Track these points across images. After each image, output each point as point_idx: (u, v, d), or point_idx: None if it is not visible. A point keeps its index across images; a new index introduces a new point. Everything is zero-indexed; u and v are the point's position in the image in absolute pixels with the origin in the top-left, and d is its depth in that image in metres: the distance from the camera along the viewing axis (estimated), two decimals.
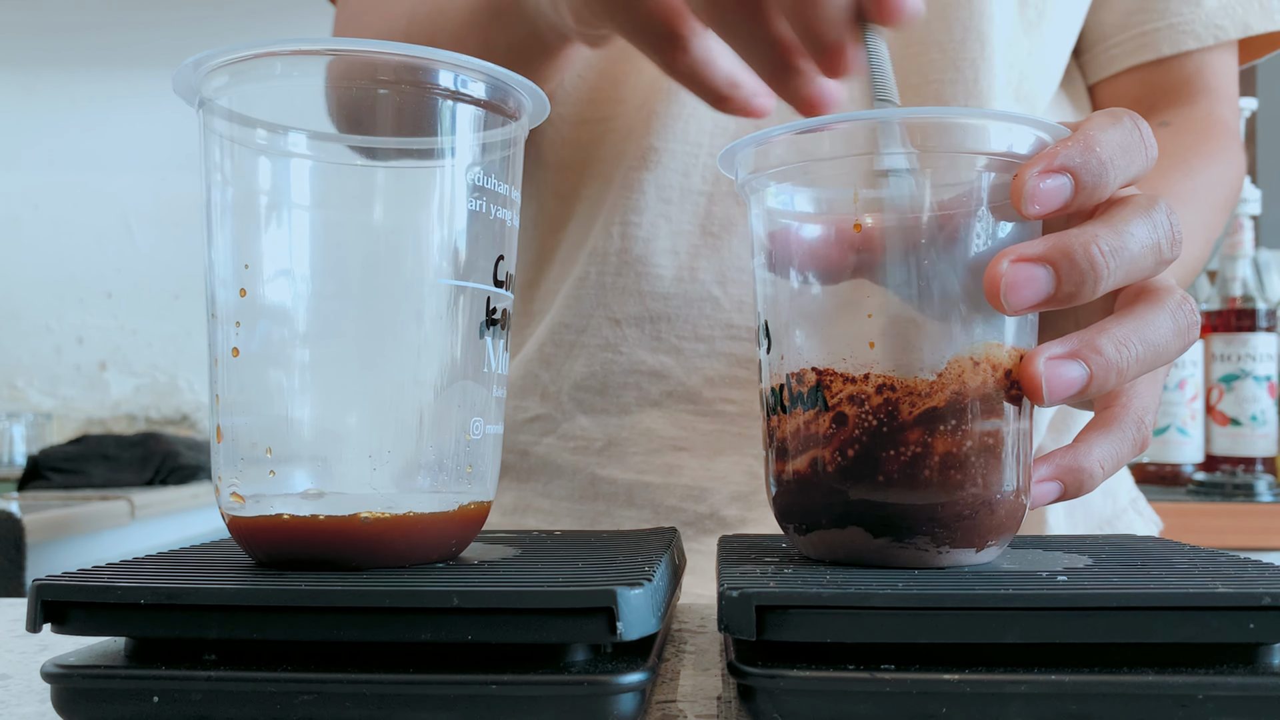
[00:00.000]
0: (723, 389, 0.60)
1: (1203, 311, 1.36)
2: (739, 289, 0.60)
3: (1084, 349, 0.33)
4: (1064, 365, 0.32)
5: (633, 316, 0.61)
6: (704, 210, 0.60)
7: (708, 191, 0.60)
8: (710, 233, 0.60)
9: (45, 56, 2.72)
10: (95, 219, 2.72)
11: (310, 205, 0.33)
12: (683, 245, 0.60)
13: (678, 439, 0.60)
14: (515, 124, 0.35)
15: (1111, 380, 0.33)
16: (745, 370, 0.60)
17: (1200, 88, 0.65)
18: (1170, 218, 0.34)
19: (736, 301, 0.60)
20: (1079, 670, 0.27)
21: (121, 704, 0.28)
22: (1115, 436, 0.36)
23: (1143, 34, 0.65)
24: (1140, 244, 0.33)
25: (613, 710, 0.27)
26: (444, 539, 0.34)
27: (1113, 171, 0.33)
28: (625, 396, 0.61)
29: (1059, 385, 0.32)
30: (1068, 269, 0.32)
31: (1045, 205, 0.32)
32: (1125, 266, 0.33)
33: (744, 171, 0.37)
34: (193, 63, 0.32)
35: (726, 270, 0.60)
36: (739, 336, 0.60)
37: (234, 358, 0.32)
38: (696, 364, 0.60)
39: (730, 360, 0.60)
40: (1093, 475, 0.36)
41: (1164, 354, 0.34)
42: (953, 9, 0.58)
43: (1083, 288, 0.32)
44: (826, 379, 0.34)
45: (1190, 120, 0.65)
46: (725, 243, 0.60)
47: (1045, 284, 0.32)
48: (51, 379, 2.74)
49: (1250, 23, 0.64)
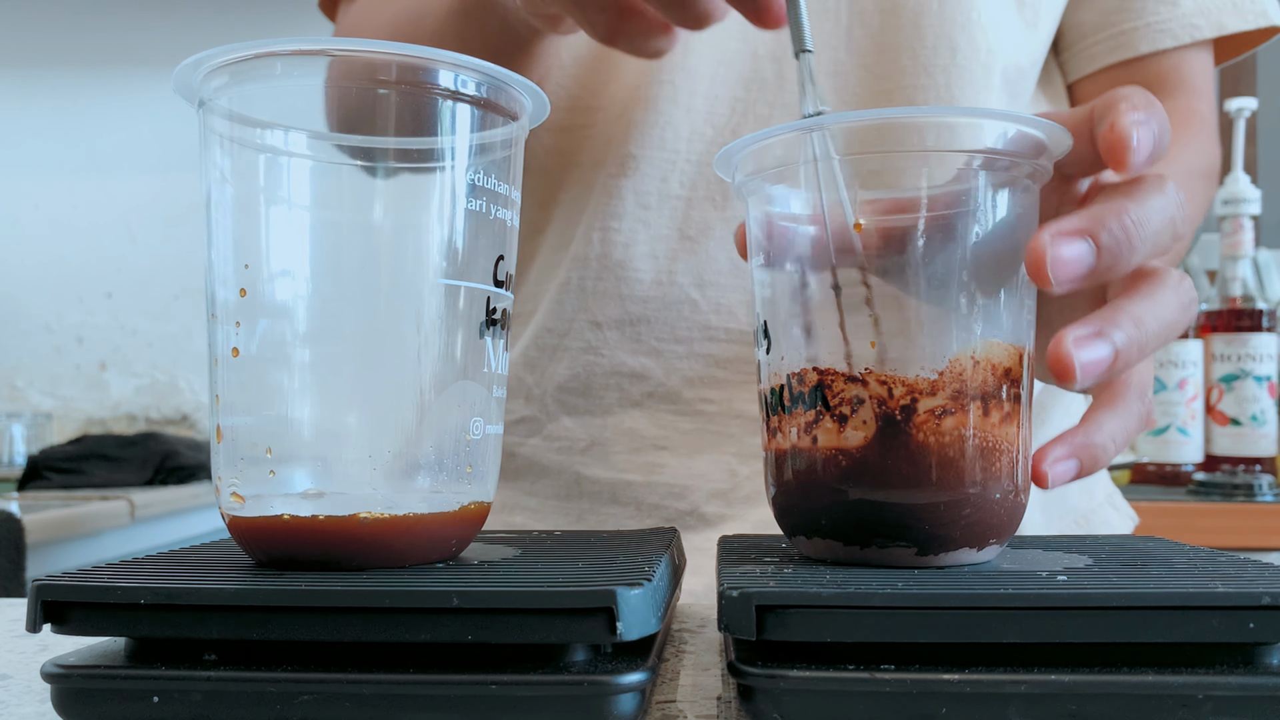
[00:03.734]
0: (701, 389, 0.62)
1: (1203, 311, 1.36)
2: (716, 291, 0.61)
3: (1107, 327, 0.33)
4: (1091, 345, 0.33)
5: (613, 319, 0.62)
6: (682, 215, 0.62)
7: (685, 196, 0.61)
8: (688, 236, 0.61)
9: (45, 56, 2.72)
10: (95, 219, 2.72)
11: (310, 205, 0.33)
12: (661, 249, 0.62)
13: (659, 438, 0.62)
14: (515, 124, 0.35)
15: (1134, 358, 0.34)
16: (723, 371, 0.61)
17: (1177, 84, 0.67)
18: (1179, 194, 0.35)
19: (714, 304, 0.61)
20: (1079, 670, 0.27)
21: (121, 704, 0.28)
22: (1122, 412, 0.37)
23: (1121, 33, 0.66)
24: (1160, 218, 0.34)
25: (613, 710, 0.27)
26: (444, 539, 0.34)
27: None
28: (607, 397, 0.63)
29: (1091, 365, 0.33)
30: (1107, 241, 0.33)
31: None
32: (1150, 239, 0.34)
33: (741, 174, 0.37)
34: (193, 63, 0.32)
35: (704, 273, 0.61)
36: (716, 338, 0.61)
37: (234, 358, 0.32)
38: (675, 365, 0.62)
39: (708, 361, 0.61)
40: (1106, 450, 0.36)
41: (1173, 330, 0.35)
42: (923, 16, 0.60)
43: (1119, 260, 0.33)
44: (828, 379, 0.34)
45: (1168, 112, 0.66)
46: (703, 246, 0.61)
47: (1088, 257, 0.32)
48: (51, 379, 2.74)
49: (1224, 22, 0.66)
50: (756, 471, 0.61)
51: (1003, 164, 0.33)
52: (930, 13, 0.60)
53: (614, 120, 0.62)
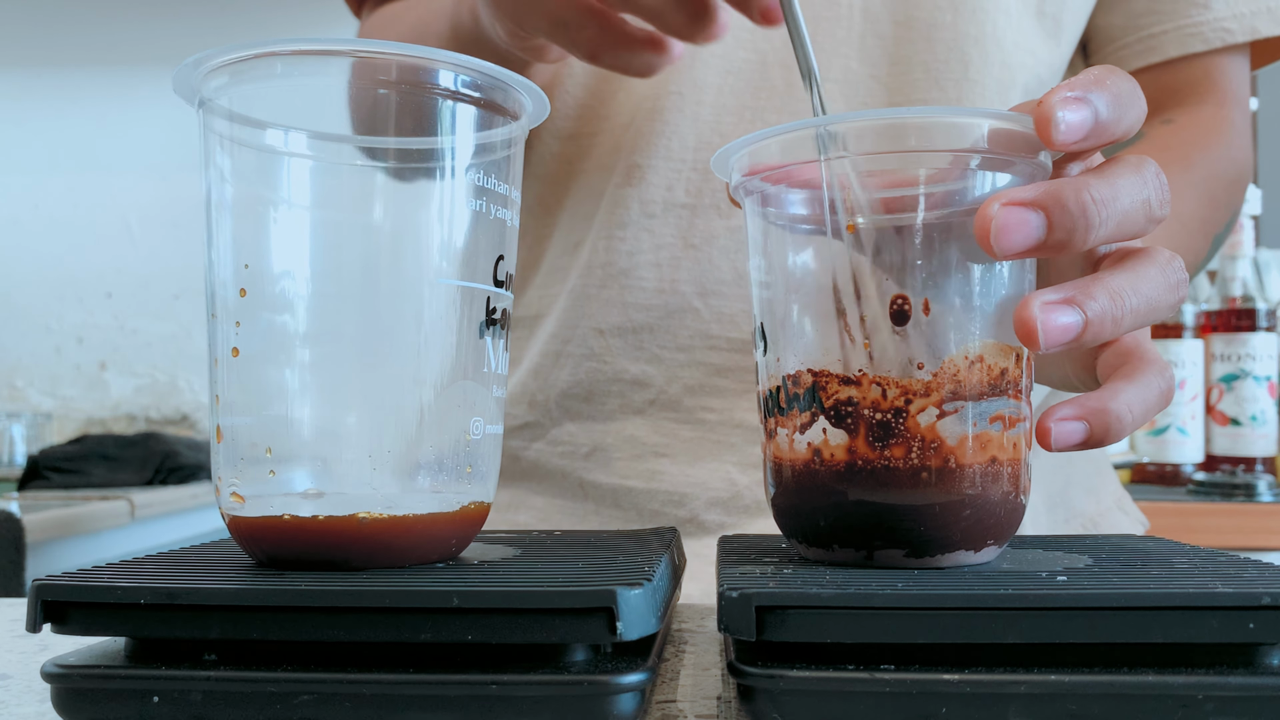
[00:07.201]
0: (703, 397, 0.62)
1: (1203, 311, 1.36)
2: (719, 300, 0.62)
3: (1079, 296, 0.32)
4: (1059, 311, 0.32)
5: (616, 327, 0.63)
6: (686, 223, 0.62)
7: (690, 205, 0.62)
8: (691, 245, 0.62)
9: (45, 56, 2.72)
10: (95, 219, 2.72)
11: (310, 205, 0.33)
12: (664, 257, 0.62)
13: (659, 445, 0.62)
14: (515, 124, 0.35)
15: (1107, 330, 0.33)
16: (724, 380, 0.62)
17: (1208, 90, 0.66)
18: (1159, 177, 0.34)
19: (716, 312, 0.62)
20: (1079, 670, 0.27)
21: (121, 704, 0.28)
22: (1141, 383, 0.35)
23: (1150, 35, 0.65)
24: (1131, 198, 0.33)
25: (613, 710, 0.27)
26: (444, 539, 0.34)
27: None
28: (609, 404, 0.63)
29: (1054, 330, 0.32)
30: (1059, 214, 0.32)
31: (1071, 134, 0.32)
32: (1116, 218, 0.33)
33: (738, 174, 0.37)
34: (193, 63, 0.32)
35: (706, 282, 0.62)
36: (718, 347, 0.61)
37: (234, 358, 0.32)
38: (677, 373, 0.62)
39: (709, 370, 0.62)
40: (1121, 419, 0.34)
41: (1156, 308, 0.34)
42: (937, 29, 0.60)
43: (1074, 235, 0.32)
44: (822, 380, 0.34)
45: (1195, 119, 0.65)
46: (706, 255, 0.62)
47: (1037, 228, 0.32)
48: (51, 379, 2.74)
49: (1258, 26, 0.65)
50: (757, 481, 0.61)
51: (1000, 163, 0.33)
52: (944, 25, 0.60)
53: (622, 130, 0.63)
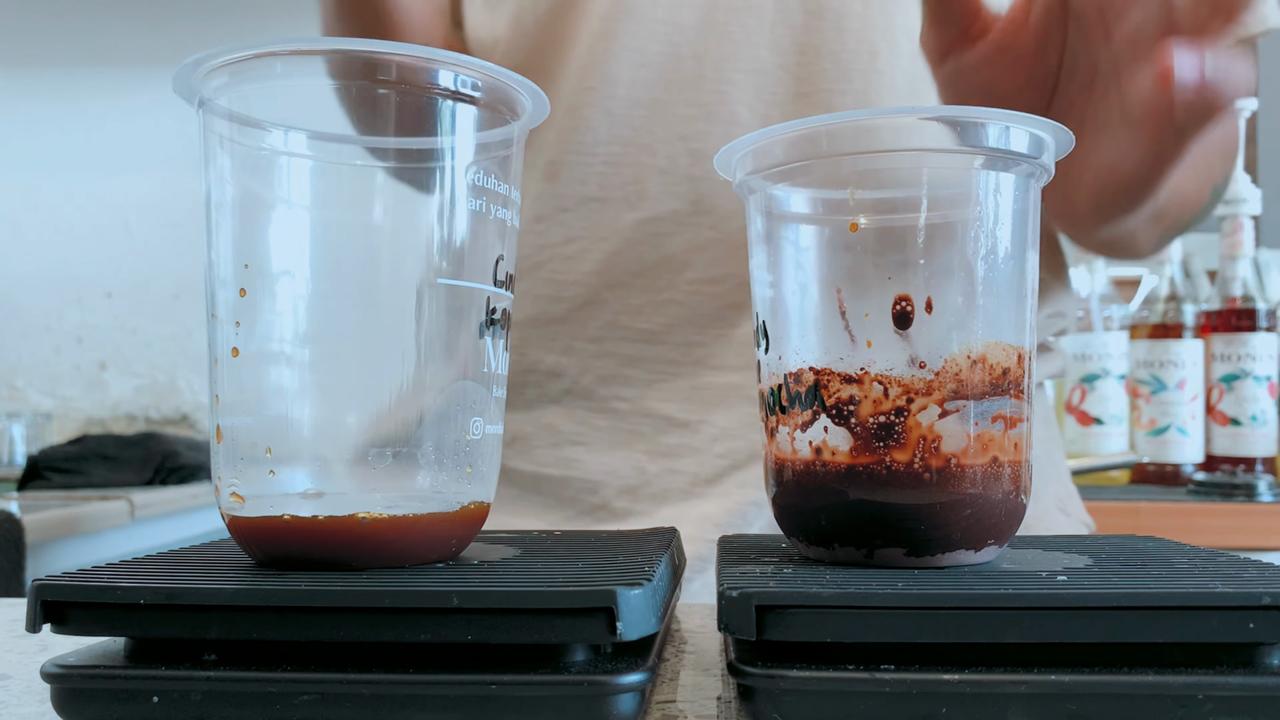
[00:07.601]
0: (614, 387, 0.64)
1: (1203, 311, 1.36)
2: (627, 291, 0.63)
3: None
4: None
5: (531, 319, 0.65)
6: (596, 216, 0.64)
7: (600, 198, 0.63)
8: (601, 237, 0.63)
9: (45, 56, 2.72)
10: (95, 219, 2.72)
11: (310, 205, 0.33)
12: (575, 250, 0.64)
13: (576, 434, 0.65)
14: (515, 124, 0.35)
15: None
16: (634, 370, 0.64)
17: None
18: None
19: (624, 303, 0.63)
20: (1079, 670, 0.27)
21: (121, 704, 0.28)
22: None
23: None
24: None
25: (613, 710, 0.27)
26: (444, 539, 0.34)
27: None
28: (528, 394, 0.66)
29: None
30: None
31: None
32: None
33: (741, 172, 0.37)
34: (192, 63, 0.32)
35: (614, 274, 0.63)
36: (628, 338, 0.63)
37: (234, 358, 0.32)
38: (589, 363, 0.64)
39: (620, 360, 0.63)
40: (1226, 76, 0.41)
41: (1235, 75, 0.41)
42: (847, 19, 0.61)
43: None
44: (824, 379, 0.34)
45: None
46: (613, 246, 0.63)
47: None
48: (51, 379, 2.74)
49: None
50: (665, 469, 0.62)
51: (1002, 163, 0.33)
52: (854, 15, 0.61)
53: (545, 128, 0.64)
